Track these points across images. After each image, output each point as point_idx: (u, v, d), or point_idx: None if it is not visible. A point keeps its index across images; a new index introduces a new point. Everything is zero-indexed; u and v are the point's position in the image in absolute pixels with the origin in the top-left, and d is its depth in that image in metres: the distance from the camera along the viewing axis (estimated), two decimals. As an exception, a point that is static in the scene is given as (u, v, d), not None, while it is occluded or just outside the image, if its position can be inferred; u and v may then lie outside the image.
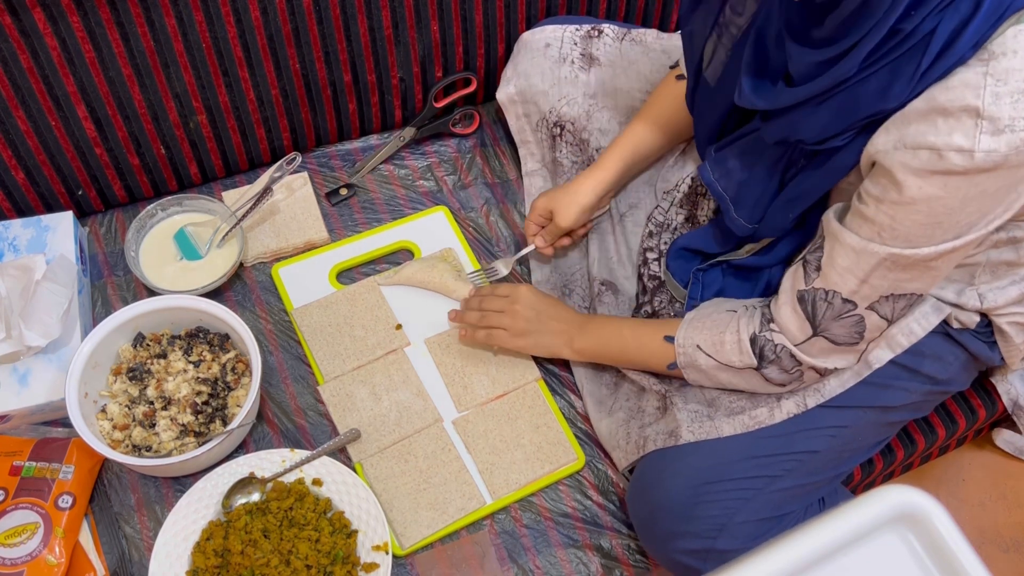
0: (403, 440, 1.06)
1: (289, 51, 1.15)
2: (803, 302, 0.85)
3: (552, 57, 1.18)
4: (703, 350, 0.93)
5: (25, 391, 1.02)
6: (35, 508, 0.95)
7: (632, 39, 1.18)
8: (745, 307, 0.93)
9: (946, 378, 0.96)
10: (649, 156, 1.12)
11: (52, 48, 1.02)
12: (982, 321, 0.94)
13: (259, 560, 0.92)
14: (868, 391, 0.93)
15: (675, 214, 1.11)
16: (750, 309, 0.92)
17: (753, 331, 0.89)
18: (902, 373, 0.94)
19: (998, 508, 1.37)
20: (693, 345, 0.94)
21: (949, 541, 0.65)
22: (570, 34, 1.18)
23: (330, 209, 1.25)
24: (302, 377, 1.11)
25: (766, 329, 0.89)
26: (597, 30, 1.18)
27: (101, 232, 1.21)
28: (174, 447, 1.00)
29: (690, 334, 0.94)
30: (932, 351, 0.94)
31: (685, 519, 0.90)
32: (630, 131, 1.10)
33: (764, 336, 0.89)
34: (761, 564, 0.64)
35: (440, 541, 1.01)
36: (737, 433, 0.93)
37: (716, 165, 0.94)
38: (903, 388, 0.95)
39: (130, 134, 1.15)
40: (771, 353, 0.88)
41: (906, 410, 0.98)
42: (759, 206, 0.91)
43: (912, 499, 0.66)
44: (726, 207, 0.93)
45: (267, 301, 1.16)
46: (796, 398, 0.93)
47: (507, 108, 1.23)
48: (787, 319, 0.87)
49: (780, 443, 0.92)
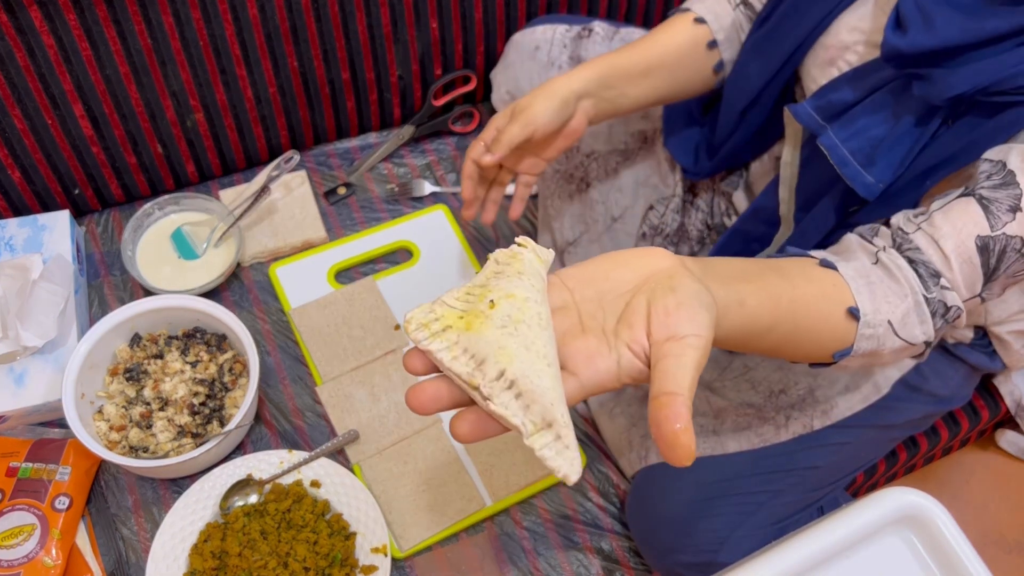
0: (402, 441, 1.05)
1: (287, 49, 1.15)
2: (986, 251, 0.67)
3: (541, 61, 1.16)
4: (894, 328, 0.69)
5: (21, 392, 1.01)
6: (32, 509, 0.94)
7: (622, 38, 1.16)
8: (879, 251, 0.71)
9: (947, 394, 0.96)
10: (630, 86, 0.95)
11: (49, 46, 1.01)
12: (978, 333, 0.93)
13: (257, 562, 0.92)
14: (872, 411, 0.93)
15: (671, 219, 1.10)
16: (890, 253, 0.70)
17: (922, 291, 0.68)
18: (905, 392, 0.93)
19: (1001, 509, 1.37)
20: (884, 323, 0.68)
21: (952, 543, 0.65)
22: (560, 35, 1.16)
23: (328, 208, 1.25)
24: (300, 378, 1.10)
25: (935, 288, 0.68)
26: (588, 29, 1.16)
27: (98, 231, 1.20)
28: (171, 448, 0.99)
29: (878, 306, 0.68)
30: (933, 368, 0.94)
31: (686, 533, 0.90)
32: (616, 52, 0.94)
33: (935, 296, 0.68)
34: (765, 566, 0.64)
35: (439, 543, 1.00)
36: (742, 450, 0.92)
37: (842, 128, 0.78)
38: (906, 407, 0.94)
39: (127, 133, 1.14)
40: (942, 317, 0.69)
41: (908, 426, 0.98)
42: (900, 167, 0.75)
43: (915, 501, 0.66)
44: (853, 173, 0.76)
45: (265, 301, 1.16)
46: (804, 419, 0.93)
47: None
48: (958, 273, 0.68)
49: (783, 460, 0.92)
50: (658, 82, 0.96)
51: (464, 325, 0.48)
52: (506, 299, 0.49)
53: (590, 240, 1.14)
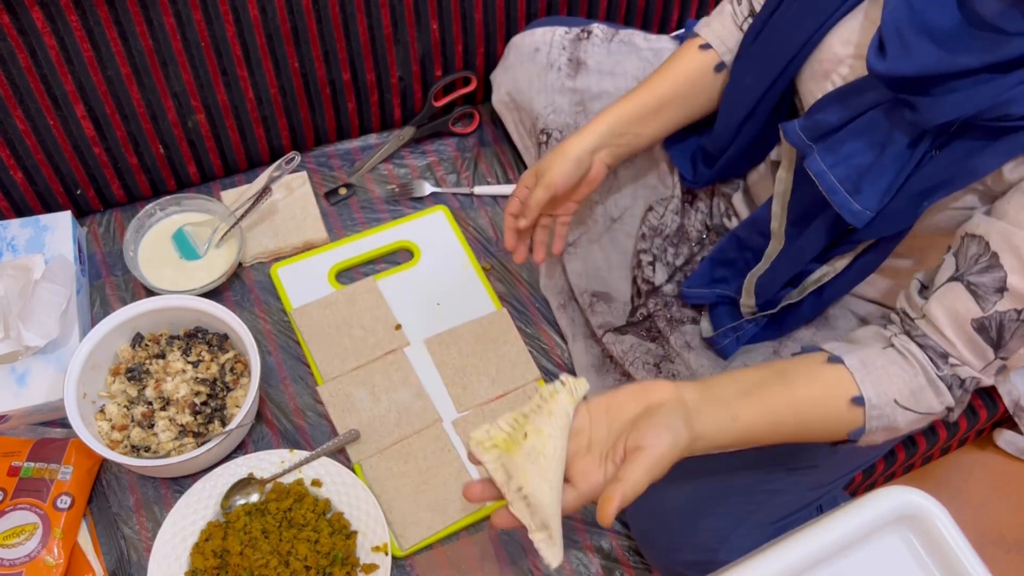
0: (403, 441, 1.05)
1: (288, 50, 1.15)
2: (983, 330, 0.72)
3: (540, 63, 1.16)
4: (902, 404, 0.75)
5: (24, 391, 1.01)
6: (34, 509, 0.95)
7: (621, 40, 1.16)
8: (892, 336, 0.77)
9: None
10: (643, 127, 0.99)
11: (50, 47, 1.02)
12: None
13: (258, 561, 0.92)
14: None
15: (670, 220, 1.10)
16: (901, 338, 0.76)
17: (934, 371, 0.74)
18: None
19: (999, 509, 1.37)
20: (890, 402, 0.75)
21: (950, 542, 0.65)
22: (559, 38, 1.16)
23: (329, 209, 1.25)
24: (301, 377, 1.11)
25: (945, 367, 0.74)
26: (587, 31, 1.16)
27: (100, 232, 1.21)
28: (173, 448, 1.00)
29: (882, 389, 0.75)
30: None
31: (686, 532, 0.90)
32: (626, 97, 0.99)
33: (947, 374, 0.74)
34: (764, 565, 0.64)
35: (440, 542, 1.00)
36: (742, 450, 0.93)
37: (828, 151, 0.80)
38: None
39: (129, 133, 1.14)
40: (959, 388, 0.75)
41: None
42: (887, 194, 0.78)
43: (913, 500, 0.66)
44: (841, 200, 0.79)
45: (266, 301, 1.16)
46: None
47: (503, 114, 1.23)
48: (964, 351, 0.73)
49: (782, 459, 0.92)
50: (672, 114, 1.00)
51: (505, 447, 0.70)
52: (535, 434, 0.70)
53: (589, 241, 1.14)
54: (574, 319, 1.14)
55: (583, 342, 1.12)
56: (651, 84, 0.99)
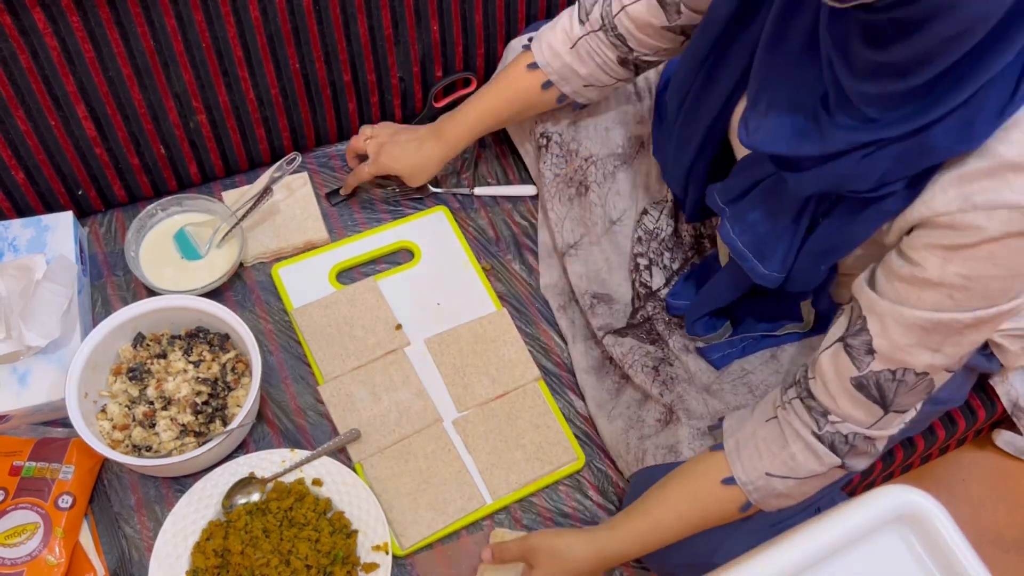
0: (403, 440, 1.06)
1: (289, 51, 1.15)
2: (863, 388, 0.76)
3: None
4: (776, 475, 0.81)
5: (25, 391, 1.02)
6: (35, 508, 0.95)
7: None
8: (779, 406, 0.83)
9: (945, 395, 0.96)
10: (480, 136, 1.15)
11: (52, 48, 1.02)
12: None
13: (259, 560, 0.92)
14: None
15: (665, 224, 1.11)
16: (787, 408, 0.82)
17: (812, 430, 0.79)
18: None
19: (998, 508, 1.37)
20: (762, 475, 0.82)
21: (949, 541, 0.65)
22: None
23: (330, 209, 1.25)
24: (302, 377, 1.11)
25: (826, 424, 0.79)
26: None
27: (101, 232, 1.21)
28: (174, 447, 1.00)
29: (752, 465, 0.82)
30: None
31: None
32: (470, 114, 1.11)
33: (828, 431, 0.79)
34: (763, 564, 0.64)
35: (440, 541, 1.01)
36: None
37: (735, 221, 0.85)
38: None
39: (130, 134, 1.15)
40: (843, 444, 0.79)
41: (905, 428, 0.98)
42: (788, 258, 0.83)
43: (912, 499, 0.66)
44: (751, 266, 0.85)
45: (267, 301, 1.16)
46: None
47: None
48: (847, 408, 0.77)
49: None
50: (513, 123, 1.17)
51: None
52: None
53: (590, 242, 1.14)
54: (574, 321, 1.15)
55: (583, 344, 1.13)
56: (488, 101, 1.10)
